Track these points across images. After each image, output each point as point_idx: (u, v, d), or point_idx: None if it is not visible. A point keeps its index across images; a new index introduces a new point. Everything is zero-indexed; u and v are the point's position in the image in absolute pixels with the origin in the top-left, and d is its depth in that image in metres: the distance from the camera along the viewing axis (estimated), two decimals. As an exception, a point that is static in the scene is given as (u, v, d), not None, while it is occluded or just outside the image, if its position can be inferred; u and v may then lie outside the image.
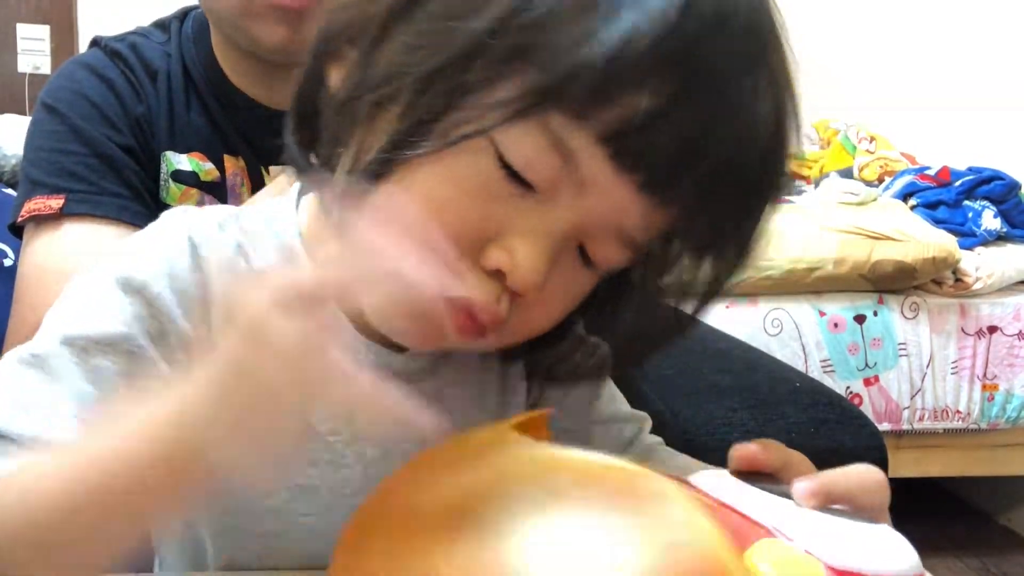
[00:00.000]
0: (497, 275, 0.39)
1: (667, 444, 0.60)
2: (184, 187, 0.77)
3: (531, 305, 0.41)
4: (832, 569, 0.28)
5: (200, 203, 0.77)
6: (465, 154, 0.38)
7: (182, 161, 0.77)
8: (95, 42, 0.81)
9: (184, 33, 0.81)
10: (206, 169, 0.77)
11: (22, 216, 0.71)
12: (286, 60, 0.69)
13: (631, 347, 0.50)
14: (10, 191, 1.27)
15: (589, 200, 0.39)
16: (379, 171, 0.40)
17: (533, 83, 0.36)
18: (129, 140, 0.74)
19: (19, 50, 2.99)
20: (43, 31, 3.00)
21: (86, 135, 0.73)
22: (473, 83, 0.38)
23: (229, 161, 0.78)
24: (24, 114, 2.64)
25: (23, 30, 2.99)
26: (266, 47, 0.72)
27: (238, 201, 0.77)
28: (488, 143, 0.38)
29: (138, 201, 0.74)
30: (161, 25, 0.84)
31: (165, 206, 0.75)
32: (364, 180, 0.40)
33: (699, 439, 0.79)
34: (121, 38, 0.81)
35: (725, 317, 1.77)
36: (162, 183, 0.76)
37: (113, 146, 0.73)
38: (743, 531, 0.29)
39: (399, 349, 0.47)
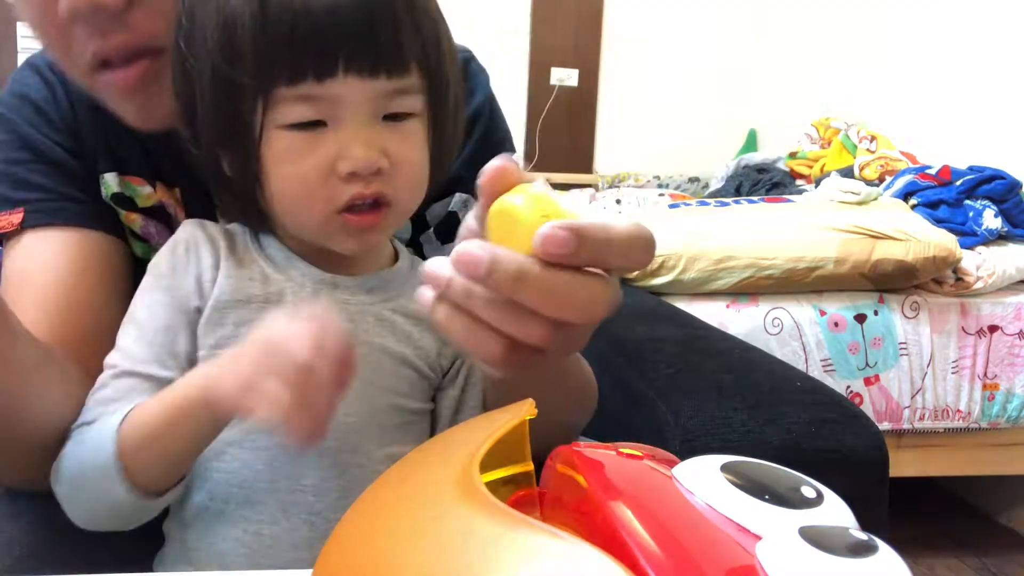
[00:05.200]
0: (352, 178, 0.54)
1: (667, 444, 0.60)
2: (125, 212, 0.72)
3: (395, 173, 0.55)
4: None
5: (144, 228, 0.73)
6: (279, 139, 0.55)
7: (118, 185, 0.72)
8: None
9: None
10: (144, 194, 0.73)
11: None
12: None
13: None
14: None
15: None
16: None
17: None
18: (73, 146, 0.72)
19: (19, 49, 2.99)
20: (43, 30, 3.00)
21: (33, 142, 0.71)
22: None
23: (161, 189, 0.73)
24: (24, 113, 2.64)
25: (23, 29, 2.99)
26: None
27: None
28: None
29: (96, 203, 0.71)
30: None
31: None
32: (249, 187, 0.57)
33: (699, 439, 0.79)
34: None
35: (725, 317, 1.78)
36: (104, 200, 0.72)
37: (61, 151, 0.71)
38: (722, 540, 0.27)
39: (347, 273, 0.61)
